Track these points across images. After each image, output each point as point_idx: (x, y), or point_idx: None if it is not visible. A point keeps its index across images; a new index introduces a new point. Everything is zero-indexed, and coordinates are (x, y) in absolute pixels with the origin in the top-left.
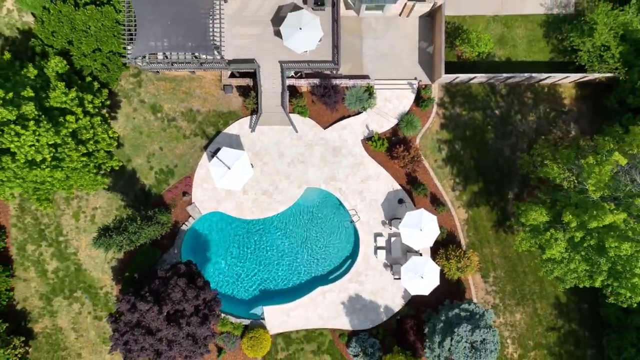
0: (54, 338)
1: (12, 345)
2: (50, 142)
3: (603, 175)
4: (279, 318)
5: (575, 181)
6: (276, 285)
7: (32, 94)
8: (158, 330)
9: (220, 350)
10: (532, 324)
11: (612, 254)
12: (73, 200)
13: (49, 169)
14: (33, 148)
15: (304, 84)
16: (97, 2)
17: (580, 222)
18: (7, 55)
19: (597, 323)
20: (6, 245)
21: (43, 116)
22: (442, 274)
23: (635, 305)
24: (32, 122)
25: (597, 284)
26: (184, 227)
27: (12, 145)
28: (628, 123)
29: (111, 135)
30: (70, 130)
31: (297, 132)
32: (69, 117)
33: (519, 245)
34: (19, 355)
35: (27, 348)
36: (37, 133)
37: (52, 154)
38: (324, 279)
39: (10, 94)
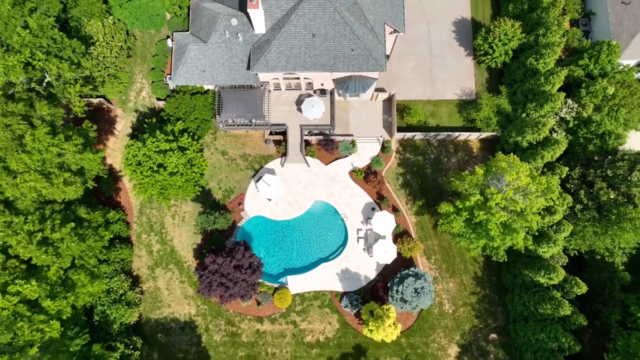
0: (154, 294)
1: (134, 292)
2: (182, 163)
3: (473, 180)
4: (297, 283)
5: (467, 188)
6: (295, 262)
7: (172, 138)
8: (228, 274)
9: (259, 303)
10: (460, 290)
11: (477, 219)
12: (172, 207)
13: (179, 176)
14: (174, 164)
15: (313, 139)
16: (200, 92)
17: (463, 205)
18: (153, 120)
19: (502, 289)
20: (130, 234)
21: (178, 149)
22: (400, 255)
23: (505, 259)
24: (176, 151)
25: (481, 245)
26: (238, 225)
27: (167, 162)
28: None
29: (205, 164)
30: (188, 158)
31: (309, 167)
32: (188, 151)
33: (440, 227)
34: (137, 300)
35: (140, 296)
36: (177, 157)
37: (182, 169)
38: (326, 259)
39: (167, 137)
